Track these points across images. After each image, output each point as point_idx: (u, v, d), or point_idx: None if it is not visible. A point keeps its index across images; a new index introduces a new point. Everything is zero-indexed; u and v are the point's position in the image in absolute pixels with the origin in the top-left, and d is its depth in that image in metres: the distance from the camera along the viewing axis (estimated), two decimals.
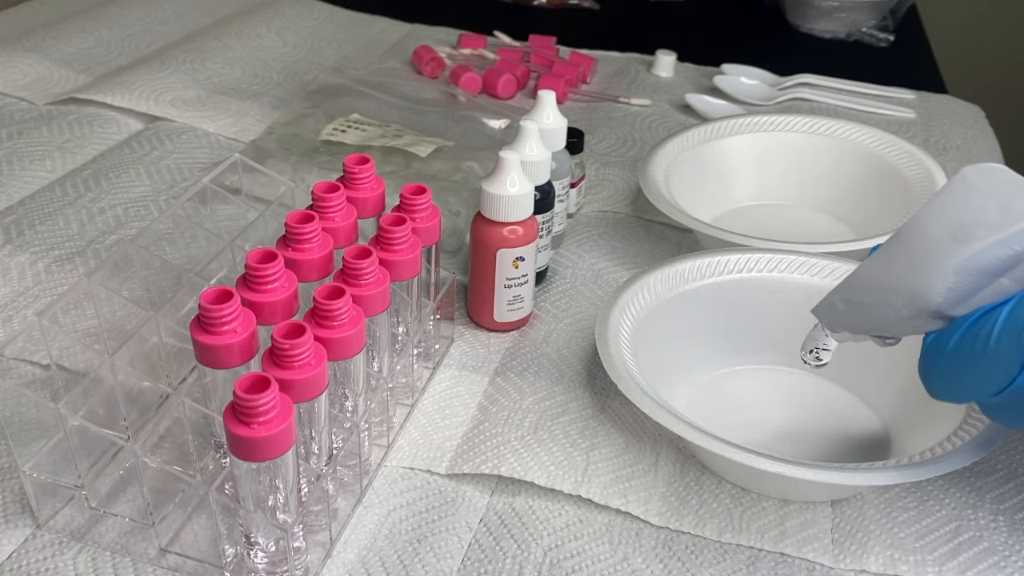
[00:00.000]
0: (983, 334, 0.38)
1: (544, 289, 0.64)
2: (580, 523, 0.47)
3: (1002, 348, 0.37)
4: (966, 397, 0.41)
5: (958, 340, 0.39)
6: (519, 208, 0.55)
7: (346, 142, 0.72)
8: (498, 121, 0.78)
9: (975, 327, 0.38)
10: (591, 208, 0.74)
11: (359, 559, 0.44)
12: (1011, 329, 0.37)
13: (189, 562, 0.43)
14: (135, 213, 0.69)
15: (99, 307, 0.56)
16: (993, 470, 0.50)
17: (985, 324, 0.38)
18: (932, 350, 0.40)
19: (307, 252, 0.46)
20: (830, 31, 1.13)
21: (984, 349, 0.38)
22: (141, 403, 0.48)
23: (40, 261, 0.63)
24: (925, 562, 0.45)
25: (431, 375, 0.55)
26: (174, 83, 0.86)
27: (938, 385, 0.42)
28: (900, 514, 0.47)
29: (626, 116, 0.89)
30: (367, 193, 0.51)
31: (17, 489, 0.46)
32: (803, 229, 0.72)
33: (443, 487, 0.48)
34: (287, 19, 1.05)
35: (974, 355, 0.38)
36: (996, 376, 0.38)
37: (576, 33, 1.07)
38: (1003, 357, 0.37)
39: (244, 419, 0.36)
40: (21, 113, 0.82)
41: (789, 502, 0.48)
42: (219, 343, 0.39)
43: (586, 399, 0.54)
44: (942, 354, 0.40)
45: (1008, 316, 0.37)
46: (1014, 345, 0.37)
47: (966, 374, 0.39)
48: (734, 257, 0.57)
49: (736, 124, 0.75)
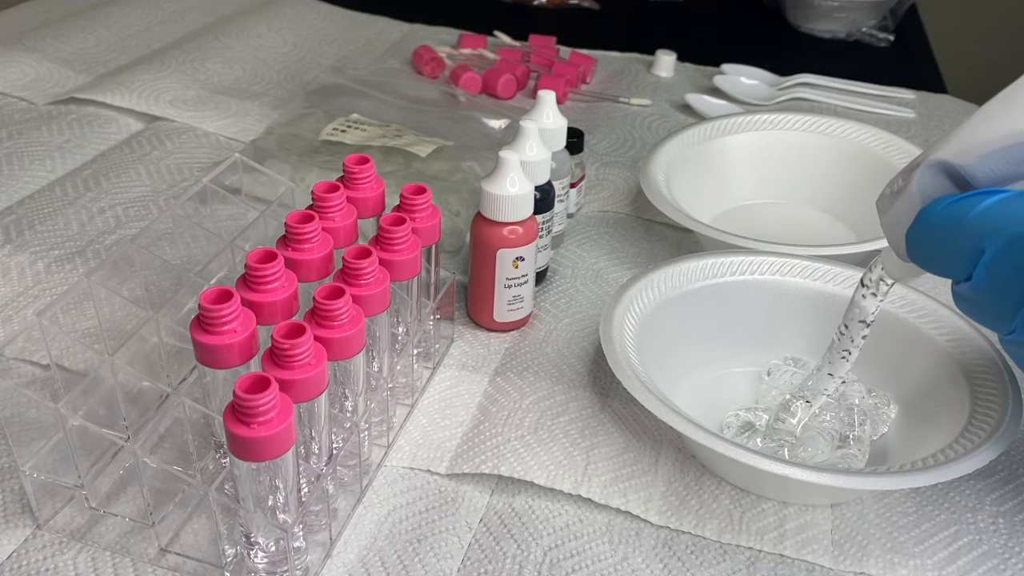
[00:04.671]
0: (965, 210, 0.37)
1: (544, 289, 0.64)
2: (580, 523, 0.47)
3: (968, 234, 0.36)
4: (934, 270, 0.40)
5: (945, 208, 0.38)
6: (519, 208, 0.54)
7: (346, 142, 0.72)
8: (498, 121, 0.78)
9: (964, 202, 0.37)
10: (591, 208, 0.74)
11: (359, 559, 0.44)
12: (984, 218, 0.36)
13: (189, 562, 0.43)
14: (135, 213, 0.69)
15: (99, 307, 0.56)
16: (993, 471, 0.50)
17: (971, 203, 0.37)
18: (925, 211, 0.39)
19: (307, 252, 0.46)
20: (830, 31, 1.13)
21: (958, 228, 0.37)
22: (141, 403, 0.48)
23: (40, 261, 0.63)
24: (925, 567, 0.45)
25: (431, 375, 0.55)
26: (174, 83, 0.86)
27: (913, 246, 0.40)
28: (900, 518, 0.47)
29: (626, 116, 0.89)
30: (367, 193, 0.51)
31: (17, 489, 0.46)
32: (803, 228, 0.72)
33: (443, 487, 0.48)
34: (287, 19, 1.05)
35: (950, 230, 0.37)
36: (960, 262, 0.37)
37: (576, 33, 1.07)
38: (967, 245, 0.36)
39: (244, 419, 0.36)
40: (21, 113, 0.82)
41: (789, 504, 0.48)
42: (219, 343, 0.39)
43: (586, 399, 0.54)
44: (930, 216, 0.38)
45: (989, 206, 0.36)
46: (977, 236, 0.36)
47: (937, 247, 0.38)
48: (736, 259, 0.57)
49: (736, 123, 0.75)
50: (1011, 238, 0.35)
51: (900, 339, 0.54)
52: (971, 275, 0.37)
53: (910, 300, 0.54)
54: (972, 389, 0.49)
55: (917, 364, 0.53)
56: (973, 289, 0.37)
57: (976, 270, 0.36)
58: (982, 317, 0.39)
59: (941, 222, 0.38)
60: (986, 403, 0.47)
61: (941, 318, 0.53)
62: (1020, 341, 0.37)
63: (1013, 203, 0.36)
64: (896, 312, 0.54)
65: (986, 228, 0.36)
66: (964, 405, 0.48)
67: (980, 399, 0.48)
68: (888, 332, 0.54)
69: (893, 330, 0.54)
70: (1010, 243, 0.35)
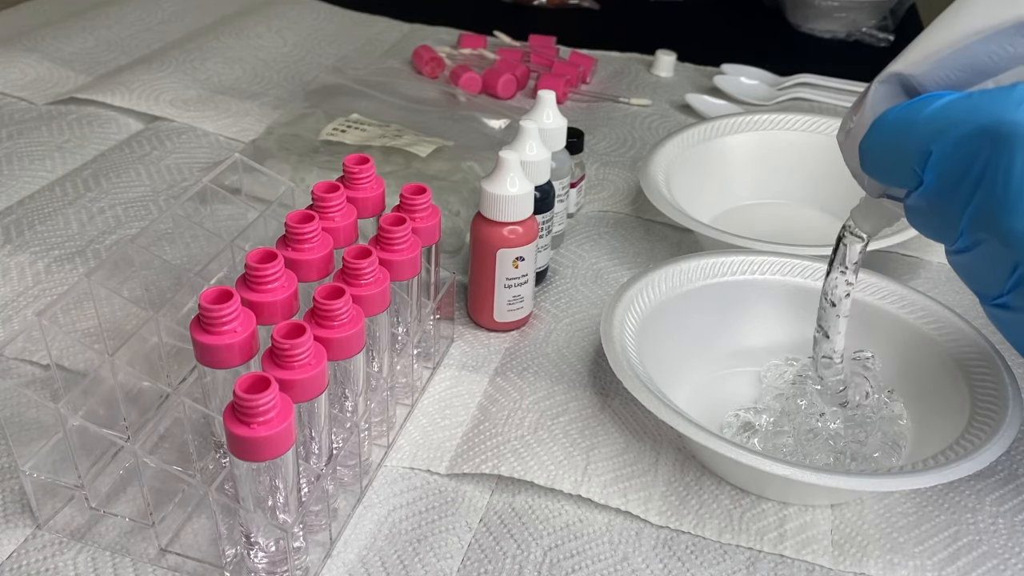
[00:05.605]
0: (914, 114, 0.37)
1: (544, 289, 0.64)
2: (580, 523, 0.47)
3: (917, 137, 0.36)
4: (887, 179, 0.40)
5: (896, 113, 0.38)
6: (519, 208, 0.54)
7: (346, 142, 0.72)
8: (498, 121, 0.78)
9: (913, 106, 0.37)
10: (591, 208, 0.74)
11: (359, 559, 0.44)
12: (932, 120, 0.36)
13: (189, 562, 0.43)
14: (135, 213, 0.69)
15: (99, 307, 0.56)
16: (993, 472, 0.50)
17: (920, 106, 0.37)
18: (878, 120, 0.39)
19: (307, 252, 0.46)
20: (830, 31, 1.13)
21: (908, 132, 0.37)
22: (141, 403, 0.48)
23: (40, 261, 0.63)
24: (925, 567, 0.45)
25: (431, 375, 0.55)
26: (174, 83, 0.86)
27: (866, 156, 0.40)
28: (900, 519, 0.47)
29: (626, 116, 0.89)
30: (367, 193, 0.51)
31: (17, 489, 0.46)
32: (803, 228, 0.72)
33: (443, 487, 0.48)
34: (287, 19, 1.05)
35: (901, 135, 0.37)
36: (910, 168, 0.37)
37: (576, 33, 1.07)
38: (916, 149, 0.37)
39: (244, 419, 0.36)
40: (21, 113, 0.82)
41: (789, 504, 0.48)
42: (219, 343, 0.39)
43: (586, 399, 0.54)
44: (882, 124, 0.39)
45: (937, 108, 0.36)
46: (925, 138, 0.36)
47: (888, 154, 0.38)
48: (736, 259, 0.57)
49: (736, 123, 0.75)
50: (957, 138, 0.35)
51: (900, 339, 0.54)
52: (921, 180, 0.37)
53: (910, 300, 0.54)
54: (972, 389, 0.49)
55: (917, 364, 0.53)
56: (922, 194, 0.37)
57: (924, 172, 0.37)
58: (931, 227, 0.39)
59: (892, 128, 0.38)
60: (986, 403, 0.47)
61: (941, 318, 0.53)
62: (965, 249, 0.37)
63: (959, 104, 0.36)
64: (896, 312, 0.54)
65: (933, 129, 0.36)
66: (964, 406, 0.48)
67: (980, 399, 0.48)
68: (888, 332, 0.54)
69: (893, 330, 0.54)
70: (956, 142, 0.35)
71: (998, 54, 0.37)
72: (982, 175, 0.35)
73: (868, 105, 0.40)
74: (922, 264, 0.68)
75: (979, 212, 0.35)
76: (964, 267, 0.39)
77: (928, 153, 0.36)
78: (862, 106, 0.41)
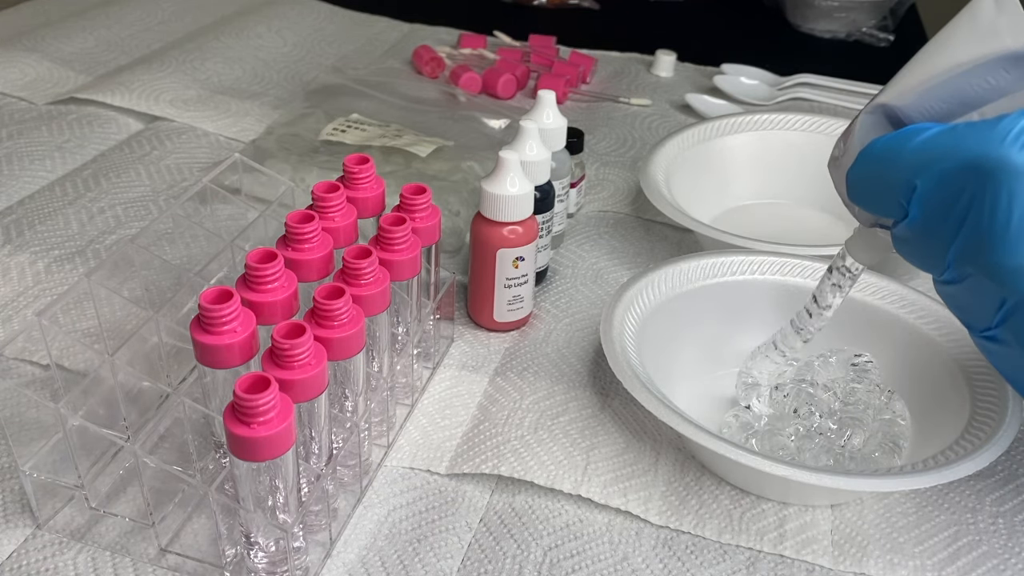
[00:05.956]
0: (899, 146, 0.37)
1: (544, 289, 0.64)
2: (580, 523, 0.47)
3: (902, 169, 0.36)
4: (873, 209, 0.40)
5: (882, 144, 0.38)
6: (519, 208, 0.54)
7: (346, 142, 0.72)
8: (498, 121, 0.78)
9: (898, 138, 0.37)
10: (591, 208, 0.74)
11: (359, 559, 0.44)
12: (917, 153, 0.36)
13: (189, 562, 0.43)
14: (135, 213, 0.69)
15: (99, 307, 0.56)
16: (992, 472, 0.50)
17: (905, 138, 0.37)
18: (864, 150, 0.39)
19: (307, 252, 0.46)
20: (830, 31, 1.13)
21: (893, 164, 0.37)
22: (141, 403, 0.48)
23: (40, 261, 0.63)
24: (925, 567, 0.45)
25: (431, 375, 0.55)
26: (174, 83, 0.86)
27: (853, 186, 0.40)
28: (900, 519, 0.47)
29: (626, 116, 0.89)
30: (367, 193, 0.51)
31: (17, 489, 0.46)
32: (803, 228, 0.72)
33: (443, 487, 0.48)
34: (287, 19, 1.05)
35: (886, 166, 0.37)
36: (895, 200, 0.37)
37: (576, 33, 1.07)
38: (900, 181, 0.37)
39: (244, 419, 0.36)
40: (21, 113, 0.82)
41: (789, 504, 0.48)
42: (219, 343, 0.39)
43: (586, 399, 0.54)
44: (868, 154, 0.39)
45: (922, 141, 0.36)
46: (910, 171, 0.36)
47: (874, 185, 0.39)
48: (736, 259, 0.57)
49: (736, 123, 0.75)
50: (942, 173, 0.35)
51: (900, 339, 0.54)
52: (907, 213, 0.37)
53: (910, 300, 0.54)
54: (972, 389, 0.49)
55: (917, 364, 0.53)
56: (908, 227, 0.37)
57: (909, 206, 0.37)
58: (917, 258, 0.39)
59: (878, 159, 0.38)
60: (986, 404, 0.47)
61: (941, 318, 0.53)
62: (952, 281, 0.37)
63: (943, 138, 0.36)
64: (896, 312, 0.54)
65: (919, 162, 0.36)
66: (964, 406, 0.48)
67: (980, 399, 0.48)
68: (888, 332, 0.54)
69: (893, 330, 0.54)
70: (940, 179, 0.35)
71: (982, 86, 0.37)
72: (968, 210, 0.35)
73: (855, 135, 0.41)
74: None
75: (965, 246, 0.35)
76: (952, 298, 0.39)
77: (913, 187, 0.36)
78: (850, 135, 0.41)
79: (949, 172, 0.35)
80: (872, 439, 0.49)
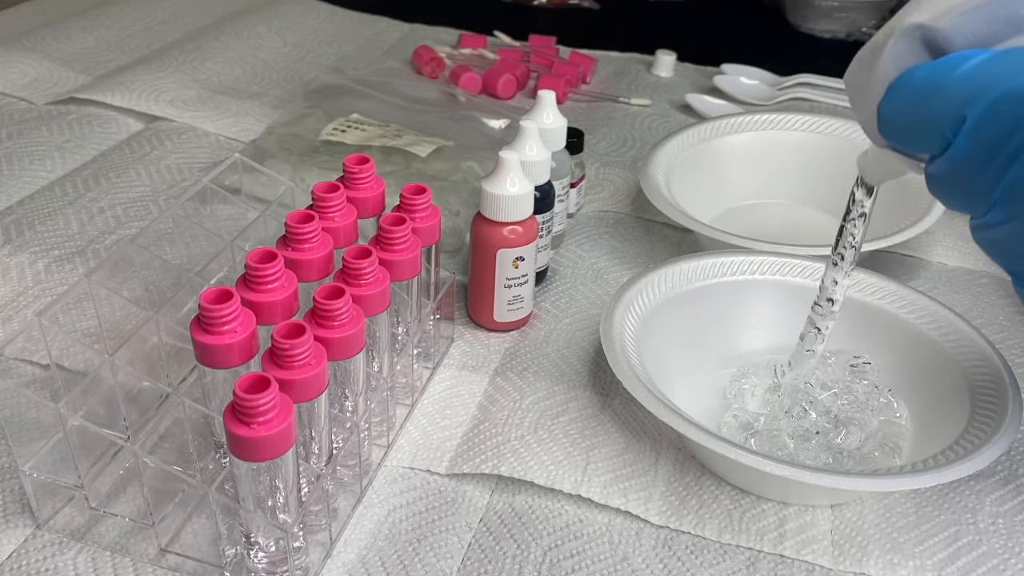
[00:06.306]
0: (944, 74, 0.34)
1: (544, 289, 0.64)
2: (580, 523, 0.47)
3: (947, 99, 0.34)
4: (909, 143, 0.37)
5: (923, 74, 0.35)
6: (519, 208, 0.54)
7: (346, 142, 0.72)
8: (498, 121, 0.78)
9: (943, 66, 0.34)
10: (591, 208, 0.74)
11: (359, 559, 0.44)
12: (965, 81, 0.33)
13: (189, 562, 0.43)
14: (135, 213, 0.69)
15: (99, 307, 0.56)
16: (993, 472, 0.50)
17: (950, 66, 0.34)
18: (900, 80, 0.36)
19: (307, 252, 0.46)
20: (830, 31, 1.13)
21: (937, 94, 0.34)
22: (141, 403, 0.48)
23: (40, 261, 0.63)
24: (925, 567, 0.45)
25: (431, 375, 0.55)
26: (174, 83, 0.86)
27: (887, 119, 0.37)
28: (900, 519, 0.47)
29: (626, 116, 0.89)
30: (367, 193, 0.51)
31: (17, 489, 0.46)
32: (803, 228, 0.72)
33: (443, 487, 0.48)
34: (287, 19, 1.05)
35: (928, 97, 0.35)
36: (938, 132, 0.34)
37: (576, 33, 1.07)
38: (946, 112, 0.34)
39: (244, 419, 0.36)
40: (21, 113, 0.82)
41: (789, 504, 0.48)
42: (219, 343, 0.39)
43: (586, 399, 0.54)
44: (906, 85, 0.36)
45: (971, 68, 0.33)
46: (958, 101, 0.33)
47: (913, 117, 0.36)
48: (736, 259, 0.57)
49: (736, 123, 0.75)
50: (995, 101, 0.33)
51: (900, 339, 0.54)
52: (949, 144, 0.34)
53: (910, 300, 0.54)
54: (972, 389, 0.49)
55: (917, 364, 0.53)
56: (950, 160, 0.35)
57: (956, 138, 0.34)
58: (957, 196, 0.36)
59: (918, 90, 0.35)
60: (986, 403, 0.47)
61: (941, 318, 0.53)
62: (996, 222, 0.34)
63: (997, 63, 0.33)
64: (896, 312, 0.54)
65: (968, 92, 0.33)
66: (964, 406, 0.48)
67: (980, 399, 0.48)
68: (888, 333, 0.54)
69: (893, 331, 0.54)
70: (994, 106, 0.33)
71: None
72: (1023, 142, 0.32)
73: (886, 61, 0.37)
74: (922, 264, 0.68)
75: (1018, 182, 0.33)
76: (994, 242, 0.36)
77: (962, 118, 0.33)
78: (877, 58, 0.37)
79: (1003, 100, 0.32)
80: (871, 439, 0.49)
